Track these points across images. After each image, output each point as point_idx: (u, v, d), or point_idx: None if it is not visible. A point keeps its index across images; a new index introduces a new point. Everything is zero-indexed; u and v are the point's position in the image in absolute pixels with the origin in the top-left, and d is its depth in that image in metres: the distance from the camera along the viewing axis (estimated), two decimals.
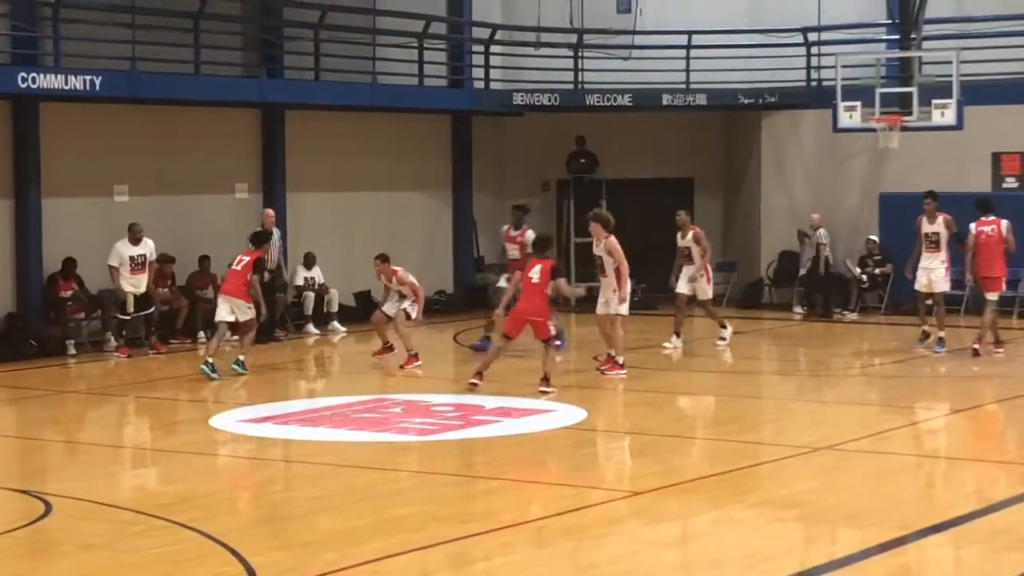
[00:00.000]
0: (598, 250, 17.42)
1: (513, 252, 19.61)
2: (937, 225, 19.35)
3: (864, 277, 24.40)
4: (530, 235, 19.04)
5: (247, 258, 18.00)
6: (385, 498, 11.35)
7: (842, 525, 10.42)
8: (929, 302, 19.45)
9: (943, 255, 19.27)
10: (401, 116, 25.12)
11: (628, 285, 17.44)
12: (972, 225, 18.96)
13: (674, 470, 12.25)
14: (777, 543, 9.85)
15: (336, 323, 22.90)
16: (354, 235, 24.24)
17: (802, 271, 24.76)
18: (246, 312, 17.85)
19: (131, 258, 19.96)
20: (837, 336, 22.27)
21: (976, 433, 14.74)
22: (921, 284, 19.35)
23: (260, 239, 18.80)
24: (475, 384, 16.24)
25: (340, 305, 23.17)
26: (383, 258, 18.86)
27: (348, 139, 24.54)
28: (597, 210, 18.94)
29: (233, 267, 18.19)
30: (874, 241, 24.47)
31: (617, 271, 17.24)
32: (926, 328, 19.50)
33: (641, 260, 25.58)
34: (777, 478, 12.20)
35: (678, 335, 20.06)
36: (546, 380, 16.14)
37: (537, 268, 16.48)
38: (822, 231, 24.23)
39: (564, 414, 14.92)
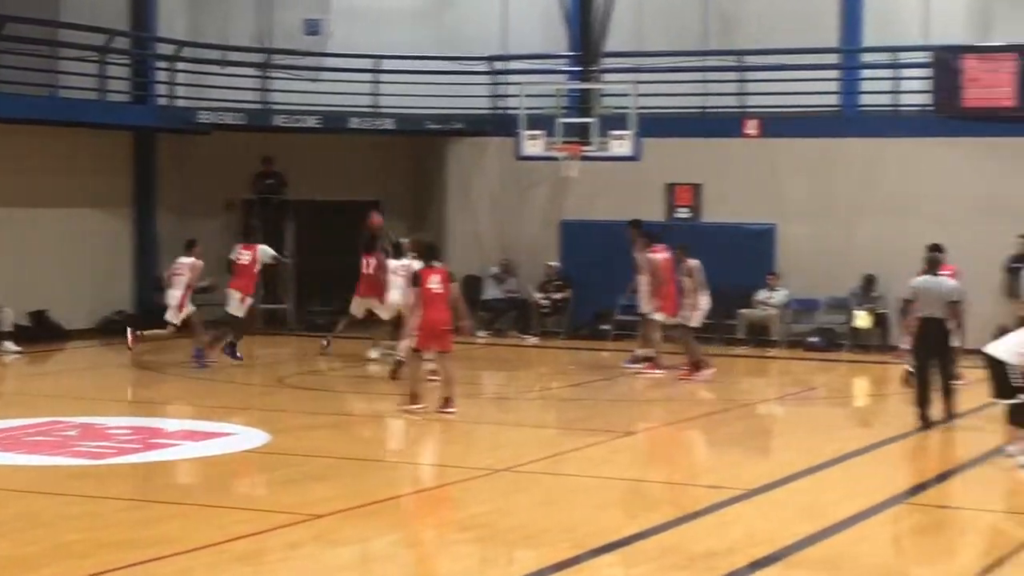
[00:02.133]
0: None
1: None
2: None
3: (545, 302, 25.01)
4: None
5: None
6: (57, 523, 11.05)
7: (518, 546, 10.66)
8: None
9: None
10: (82, 131, 24.47)
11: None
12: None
13: (355, 493, 12.30)
14: (456, 565, 10.02)
15: (10, 343, 22.14)
16: (29, 253, 23.50)
17: (485, 296, 25.23)
18: None
19: None
20: (519, 360, 22.72)
21: (647, 455, 15.27)
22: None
23: None
24: (416, 409, 16.10)
25: (15, 324, 22.42)
26: None
27: (25, 153, 23.78)
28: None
29: None
30: (554, 267, 25.10)
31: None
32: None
33: (330, 281, 25.79)
34: (457, 500, 12.40)
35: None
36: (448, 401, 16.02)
37: (436, 277, 16.24)
38: None
39: (246, 437, 14.81)
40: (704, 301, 19.81)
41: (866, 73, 24.97)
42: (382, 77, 25.81)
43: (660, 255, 19.87)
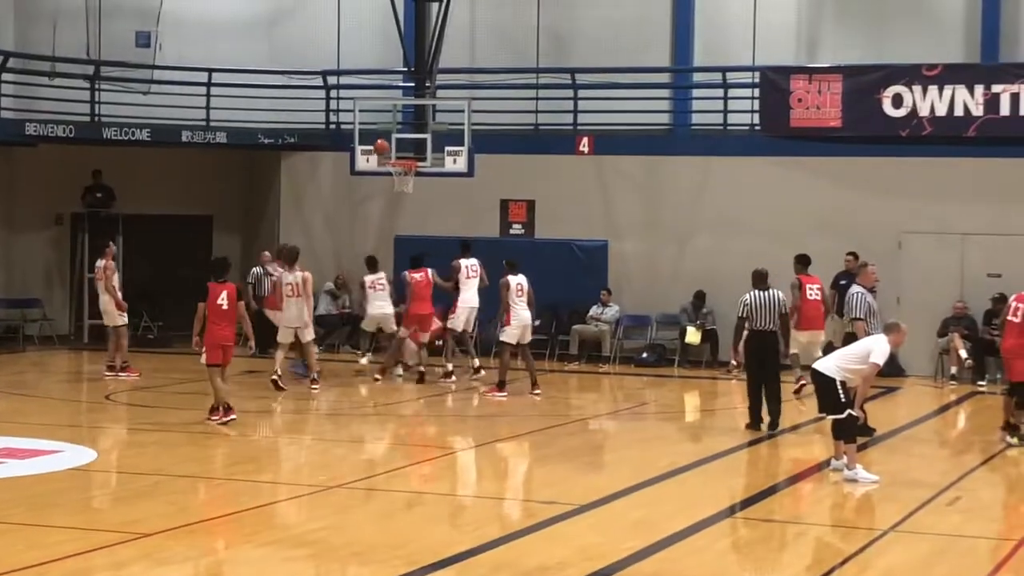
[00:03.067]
0: None
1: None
2: None
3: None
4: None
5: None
6: None
7: (351, 563, 10.61)
8: None
9: None
10: None
11: None
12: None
13: (184, 511, 12.12)
14: None
15: None
16: None
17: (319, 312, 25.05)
18: None
19: None
20: (351, 376, 22.59)
21: (480, 470, 15.30)
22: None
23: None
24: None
25: None
26: None
27: None
28: None
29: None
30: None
31: None
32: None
33: (158, 296, 25.43)
34: (289, 517, 12.30)
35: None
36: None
37: (224, 293, 16.52)
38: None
39: (73, 454, 14.51)
40: (523, 317, 19.87)
41: (696, 93, 25.41)
42: (215, 90, 25.53)
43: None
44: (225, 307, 16.53)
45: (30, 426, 15.95)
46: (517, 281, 19.87)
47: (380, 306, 21.64)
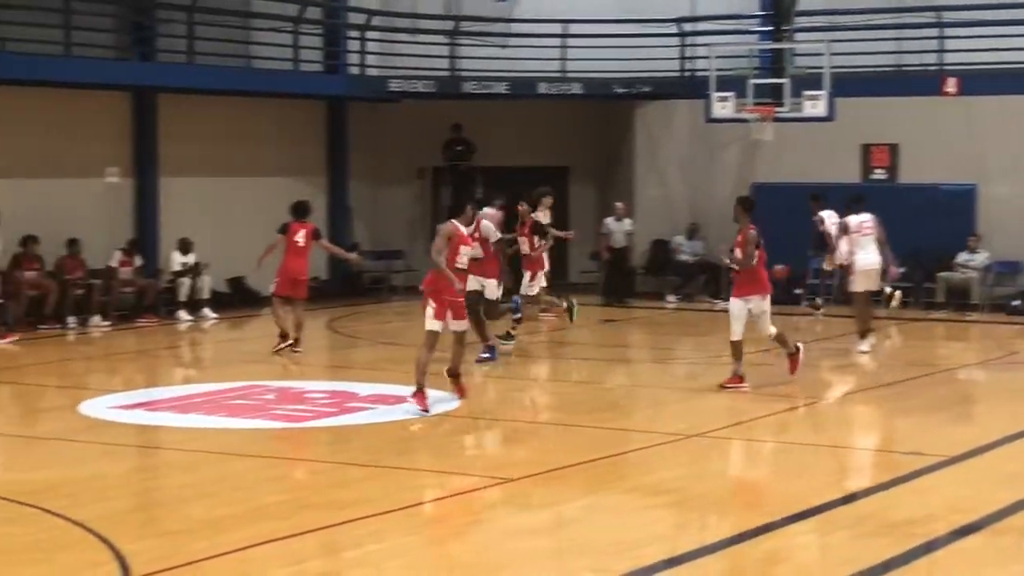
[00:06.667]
0: None
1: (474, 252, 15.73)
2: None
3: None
4: (487, 226, 16.90)
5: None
6: (256, 485, 11.24)
7: (711, 511, 10.53)
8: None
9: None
10: (276, 101, 24.90)
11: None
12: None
13: (545, 457, 12.27)
14: (647, 530, 9.92)
15: (207, 309, 22.65)
16: (228, 221, 23.99)
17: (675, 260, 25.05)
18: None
19: None
20: (709, 325, 22.45)
21: (842, 421, 14.96)
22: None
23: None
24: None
25: (212, 291, 22.93)
26: None
27: (223, 124, 24.27)
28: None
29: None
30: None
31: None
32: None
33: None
34: (647, 465, 12.29)
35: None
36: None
37: (302, 232, 18.03)
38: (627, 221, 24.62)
39: (437, 401, 14.89)
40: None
41: None
42: (570, 42, 25.71)
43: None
44: (301, 244, 18.09)
45: (397, 373, 16.44)
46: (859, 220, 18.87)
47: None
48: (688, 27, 26.02)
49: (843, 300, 20.58)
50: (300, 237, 18.26)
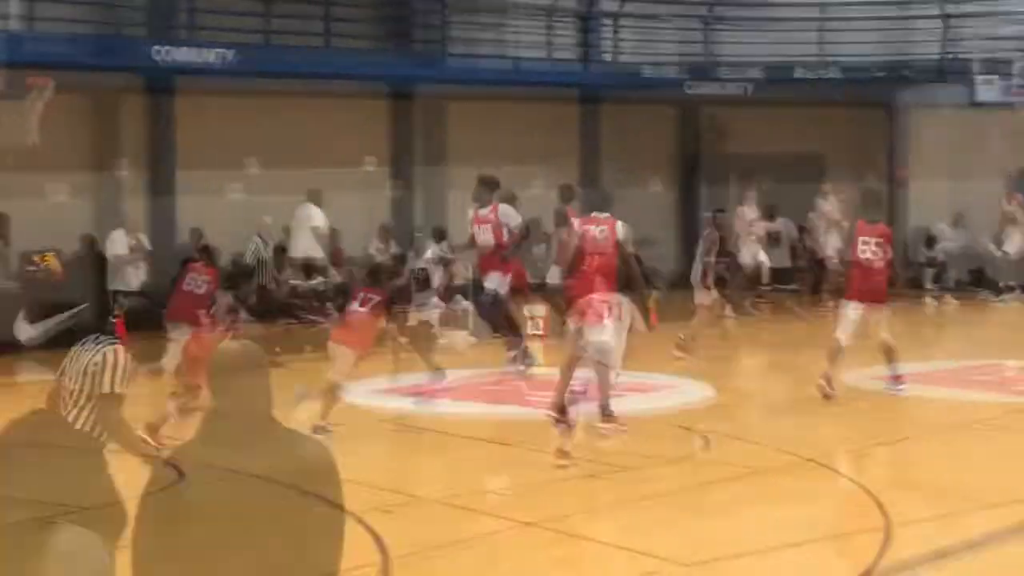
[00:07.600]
0: None
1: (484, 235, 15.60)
2: None
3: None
4: (505, 209, 16.00)
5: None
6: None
7: None
8: None
9: None
10: (528, 91, 24.70)
11: None
12: None
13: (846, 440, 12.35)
14: None
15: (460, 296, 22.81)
16: None
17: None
18: None
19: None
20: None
21: None
22: None
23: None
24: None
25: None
26: None
27: (488, 116, 24.06)
28: None
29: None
30: None
31: None
32: None
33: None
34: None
35: None
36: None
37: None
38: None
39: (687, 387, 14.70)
40: None
41: None
42: (827, 25, 25.16)
43: None
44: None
45: (645, 361, 16.24)
46: None
47: None
48: (951, 8, 25.17)
49: None
50: None
